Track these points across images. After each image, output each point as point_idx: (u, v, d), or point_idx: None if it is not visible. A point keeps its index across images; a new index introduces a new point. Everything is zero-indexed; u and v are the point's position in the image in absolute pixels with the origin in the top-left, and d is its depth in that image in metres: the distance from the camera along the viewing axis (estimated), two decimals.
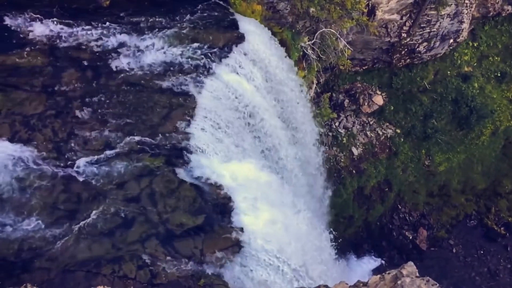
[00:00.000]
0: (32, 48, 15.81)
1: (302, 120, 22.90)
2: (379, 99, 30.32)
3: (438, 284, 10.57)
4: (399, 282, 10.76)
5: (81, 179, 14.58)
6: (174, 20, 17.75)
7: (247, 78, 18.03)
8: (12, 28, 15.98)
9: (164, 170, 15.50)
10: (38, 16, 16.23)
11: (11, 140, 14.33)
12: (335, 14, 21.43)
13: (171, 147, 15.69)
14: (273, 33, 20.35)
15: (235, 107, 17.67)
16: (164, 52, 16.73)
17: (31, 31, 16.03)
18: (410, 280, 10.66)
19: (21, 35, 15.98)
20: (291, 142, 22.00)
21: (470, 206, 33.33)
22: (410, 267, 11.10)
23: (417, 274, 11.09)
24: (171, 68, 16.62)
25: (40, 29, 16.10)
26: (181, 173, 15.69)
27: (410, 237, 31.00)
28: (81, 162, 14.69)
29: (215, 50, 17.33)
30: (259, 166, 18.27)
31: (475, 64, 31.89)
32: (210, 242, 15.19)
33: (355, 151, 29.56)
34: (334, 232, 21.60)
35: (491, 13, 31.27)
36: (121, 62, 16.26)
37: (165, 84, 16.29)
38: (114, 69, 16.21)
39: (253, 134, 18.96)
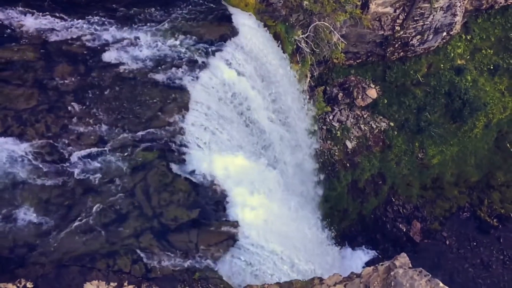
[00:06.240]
0: (24, 42, 15.68)
1: (296, 113, 22.93)
2: (372, 93, 30.36)
3: (430, 275, 10.68)
4: (392, 273, 10.85)
5: (74, 174, 14.53)
6: (167, 13, 17.65)
7: (241, 71, 17.99)
8: (3, 22, 15.83)
9: (158, 165, 15.48)
10: (30, 10, 16.08)
11: (3, 135, 14.24)
12: (329, 7, 21.39)
13: (164, 141, 15.66)
14: (267, 27, 20.30)
15: (229, 100, 17.64)
16: (157, 46, 16.65)
17: (23, 25, 15.88)
18: (403, 271, 10.75)
19: (12, 29, 15.84)
20: (284, 135, 22.02)
21: (463, 199, 33.53)
22: (403, 259, 11.19)
23: (410, 265, 11.19)
24: (165, 62, 16.54)
25: (32, 23, 15.96)
26: (175, 167, 15.68)
27: (404, 230, 31.17)
28: (75, 157, 14.63)
29: (208, 43, 17.27)
30: (254, 159, 18.29)
31: (468, 57, 31.97)
32: (205, 236, 15.21)
33: (349, 145, 29.63)
34: (328, 225, 21.72)
35: (484, 6, 31.34)
36: (114, 56, 16.16)
37: (159, 78, 16.23)
38: (107, 63, 16.11)
39: (247, 128, 18.95)
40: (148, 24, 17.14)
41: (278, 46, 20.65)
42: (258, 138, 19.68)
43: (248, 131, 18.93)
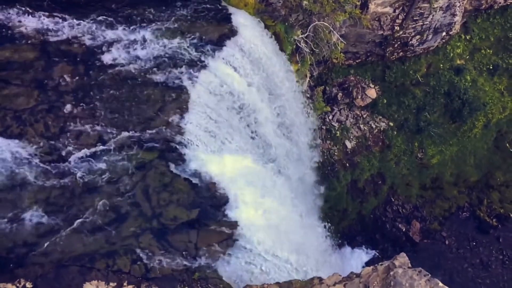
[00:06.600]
0: (23, 42, 15.67)
1: (296, 113, 22.92)
2: (372, 93, 30.37)
3: (429, 275, 10.69)
4: (391, 273, 10.86)
5: (74, 174, 14.52)
6: (167, 13, 17.64)
7: (241, 71, 17.99)
8: (3, 22, 15.82)
9: (157, 165, 15.48)
10: (29, 9, 16.07)
11: (2, 135, 14.24)
12: (328, 7, 21.39)
13: (164, 141, 15.65)
14: (266, 26, 20.30)
15: (229, 100, 17.63)
16: (157, 46, 16.64)
17: (22, 25, 15.87)
18: (403, 271, 10.76)
19: (11, 29, 15.82)
20: (290, 149, 22.01)
21: (462, 198, 33.55)
22: (402, 258, 11.21)
23: (409, 265, 11.21)
24: (164, 62, 16.53)
25: (31, 23, 15.94)
26: (174, 167, 15.69)
27: (403, 230, 31.18)
28: (74, 157, 14.63)
29: (208, 43, 17.26)
30: (254, 159, 18.29)
31: (467, 57, 31.98)
32: (205, 235, 15.23)
33: (349, 145, 29.64)
34: (328, 224, 21.71)
35: (484, 6, 31.36)
36: (114, 56, 16.15)
37: (158, 78, 16.22)
38: (107, 63, 16.10)
39: (247, 128, 18.94)
40: (148, 23, 17.11)
41: (278, 46, 20.62)
42: (264, 152, 19.63)
43: (254, 144, 18.87)
